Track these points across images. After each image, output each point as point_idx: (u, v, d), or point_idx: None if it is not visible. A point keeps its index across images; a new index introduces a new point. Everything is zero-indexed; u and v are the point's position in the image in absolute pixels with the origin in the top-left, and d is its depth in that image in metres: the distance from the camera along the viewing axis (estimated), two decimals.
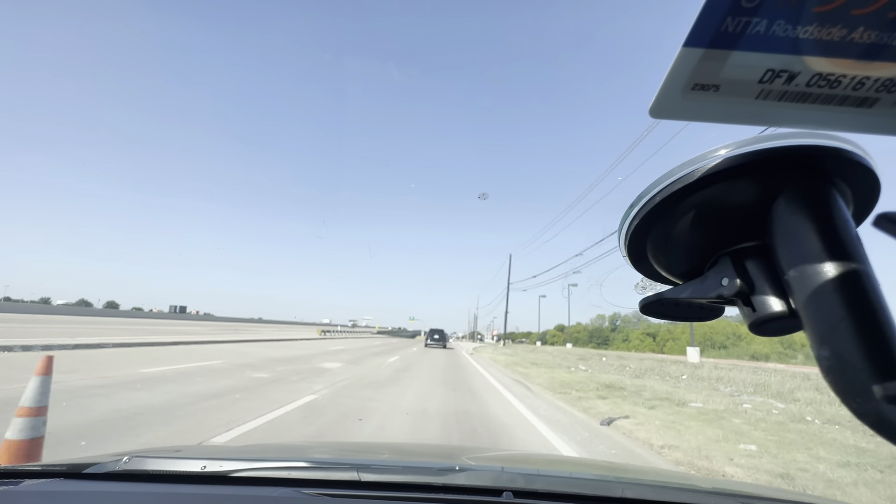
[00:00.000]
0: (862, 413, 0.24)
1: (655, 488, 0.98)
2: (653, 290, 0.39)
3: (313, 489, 0.85)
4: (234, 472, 0.87)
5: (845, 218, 0.28)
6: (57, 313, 44.27)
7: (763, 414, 6.91)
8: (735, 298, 0.31)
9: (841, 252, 0.26)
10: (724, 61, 0.23)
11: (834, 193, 0.29)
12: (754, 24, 0.22)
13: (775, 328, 0.30)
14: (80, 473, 0.87)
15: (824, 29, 0.22)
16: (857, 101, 0.25)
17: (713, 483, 1.16)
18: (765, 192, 0.30)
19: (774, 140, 0.28)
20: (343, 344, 24.88)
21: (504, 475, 0.97)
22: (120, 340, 12.26)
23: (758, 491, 1.08)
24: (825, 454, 4.45)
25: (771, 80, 0.24)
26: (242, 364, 9.57)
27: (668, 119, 0.26)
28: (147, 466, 0.88)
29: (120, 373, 6.93)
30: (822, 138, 0.28)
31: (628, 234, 0.35)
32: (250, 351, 13.51)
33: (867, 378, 0.23)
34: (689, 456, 4.09)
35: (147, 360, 8.78)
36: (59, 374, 5.86)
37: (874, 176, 0.29)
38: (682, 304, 0.37)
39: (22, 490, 0.79)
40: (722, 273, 0.32)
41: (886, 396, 0.22)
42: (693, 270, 0.36)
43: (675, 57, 0.23)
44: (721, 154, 0.29)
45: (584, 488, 0.96)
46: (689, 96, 0.25)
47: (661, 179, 0.31)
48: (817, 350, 0.25)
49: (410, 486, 0.91)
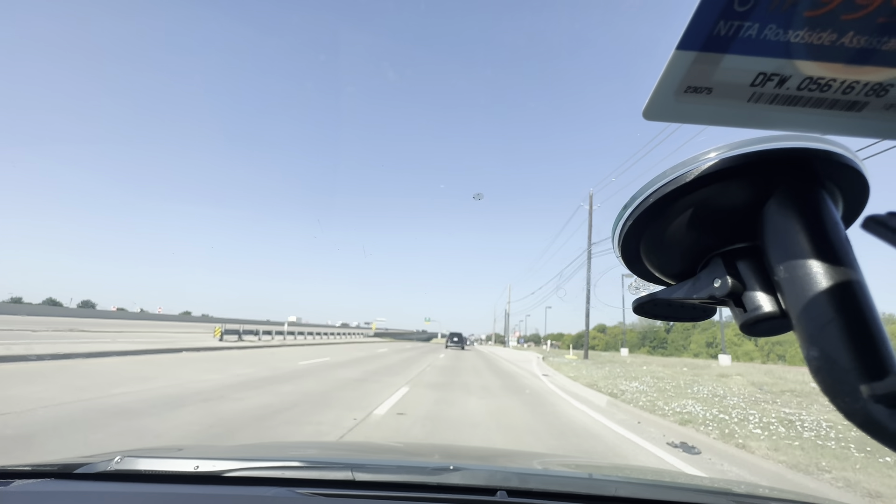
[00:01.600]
0: (850, 412, 0.24)
1: (648, 487, 0.99)
2: (646, 291, 0.39)
3: (307, 489, 0.84)
4: (227, 472, 0.87)
5: (835, 220, 0.28)
6: (35, 314, 38.04)
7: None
8: (727, 299, 0.32)
9: (830, 254, 0.26)
10: (717, 64, 0.24)
11: (824, 196, 0.29)
12: (746, 27, 0.22)
13: (766, 328, 0.31)
14: (71, 473, 0.86)
15: (815, 33, 0.22)
16: (846, 104, 0.25)
17: (707, 482, 1.16)
18: (756, 194, 0.30)
19: (766, 143, 0.28)
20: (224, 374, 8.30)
21: (498, 474, 0.97)
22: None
23: (753, 490, 1.10)
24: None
25: (762, 84, 0.24)
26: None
27: (661, 121, 0.27)
28: (139, 466, 0.87)
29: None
30: (813, 141, 0.28)
31: (622, 235, 0.35)
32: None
33: (855, 378, 0.24)
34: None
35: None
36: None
37: (863, 178, 0.30)
38: (674, 305, 0.37)
39: (12, 490, 0.78)
40: (714, 274, 0.33)
41: (874, 396, 0.23)
42: (685, 271, 0.37)
43: (669, 60, 0.23)
44: (713, 156, 0.29)
45: (577, 487, 0.96)
46: (682, 99, 0.25)
47: (654, 181, 0.32)
48: (806, 350, 0.26)
49: (405, 486, 0.90)
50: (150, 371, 7.88)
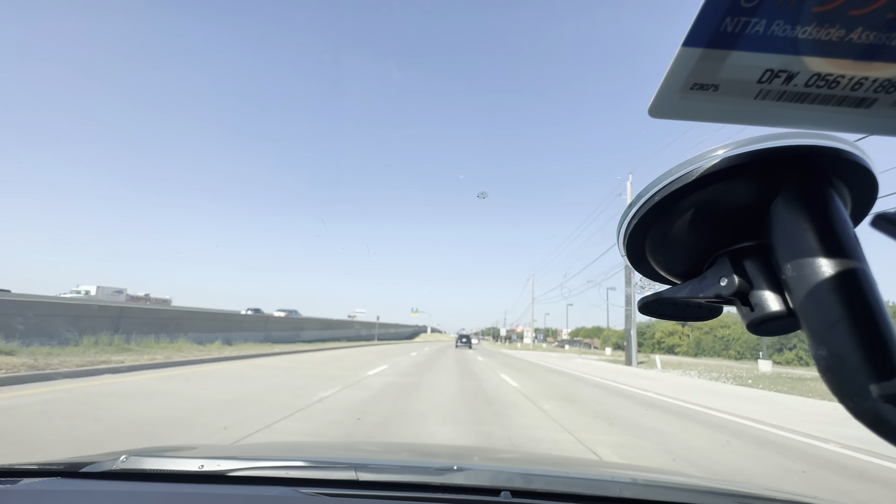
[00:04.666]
0: (859, 412, 0.24)
1: (653, 488, 0.98)
2: (651, 290, 0.39)
3: (311, 488, 0.84)
4: (231, 472, 0.87)
5: (843, 218, 0.28)
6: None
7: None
8: (733, 298, 0.31)
9: (839, 252, 0.26)
10: (723, 61, 0.23)
11: (832, 193, 0.29)
12: (753, 24, 0.22)
13: (773, 328, 0.30)
14: (78, 472, 0.87)
15: (823, 29, 0.22)
16: (855, 101, 0.25)
17: (711, 483, 1.16)
18: (763, 192, 0.30)
19: (773, 140, 0.28)
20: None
21: (502, 475, 0.97)
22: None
23: (756, 491, 1.09)
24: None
25: (770, 81, 0.24)
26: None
27: (667, 119, 0.27)
28: (144, 465, 0.88)
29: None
30: (821, 138, 0.28)
31: (627, 234, 0.35)
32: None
33: (864, 377, 0.23)
34: None
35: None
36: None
37: (872, 176, 0.29)
38: (680, 304, 0.37)
39: (19, 489, 0.79)
40: (720, 272, 0.32)
41: (883, 395, 0.23)
42: (691, 270, 0.36)
43: (675, 57, 0.23)
44: (720, 154, 0.29)
45: (581, 488, 0.96)
46: (689, 96, 0.25)
47: (659, 179, 0.32)
48: (815, 349, 0.25)
49: (408, 486, 0.90)
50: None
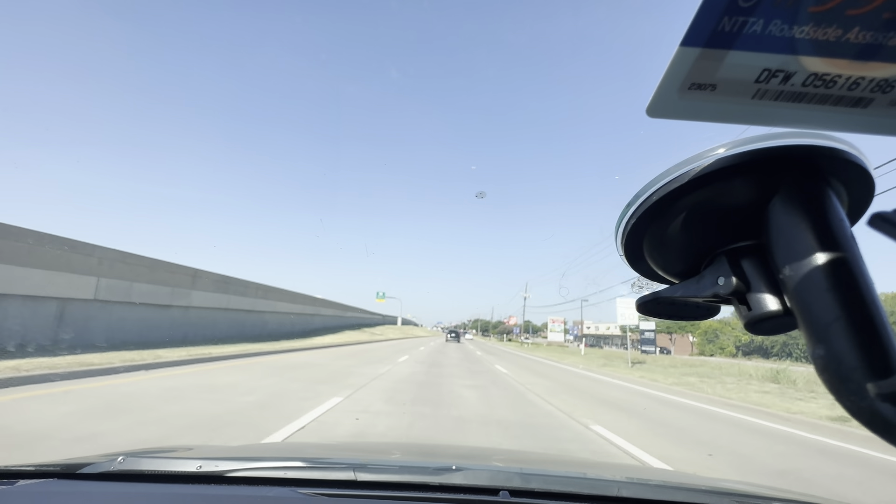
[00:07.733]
0: (856, 411, 0.24)
1: (652, 487, 0.99)
2: (649, 289, 0.39)
3: (310, 489, 0.84)
4: (229, 472, 0.87)
5: (840, 217, 0.28)
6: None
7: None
8: (731, 297, 0.32)
9: (836, 251, 0.26)
10: (721, 61, 0.23)
11: (829, 193, 0.29)
12: (751, 23, 0.22)
13: (770, 327, 0.31)
14: (75, 473, 0.87)
15: (820, 29, 0.22)
16: (852, 101, 0.25)
17: (710, 482, 1.16)
18: (761, 191, 0.30)
19: (770, 140, 0.28)
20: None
21: (501, 474, 0.97)
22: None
23: (755, 490, 1.09)
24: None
25: (767, 80, 0.24)
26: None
27: (665, 118, 0.27)
28: (142, 466, 0.88)
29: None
30: (818, 138, 0.28)
31: (625, 234, 0.35)
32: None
33: (861, 376, 0.23)
34: None
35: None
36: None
37: (869, 175, 0.29)
38: (678, 303, 0.37)
39: (16, 490, 0.79)
40: (718, 272, 0.32)
41: (880, 394, 0.23)
42: (689, 270, 0.36)
43: (673, 56, 0.23)
44: (717, 154, 0.29)
45: (580, 487, 0.96)
46: (686, 96, 0.25)
47: (657, 179, 0.32)
48: (812, 349, 0.25)
49: (407, 486, 0.90)
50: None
